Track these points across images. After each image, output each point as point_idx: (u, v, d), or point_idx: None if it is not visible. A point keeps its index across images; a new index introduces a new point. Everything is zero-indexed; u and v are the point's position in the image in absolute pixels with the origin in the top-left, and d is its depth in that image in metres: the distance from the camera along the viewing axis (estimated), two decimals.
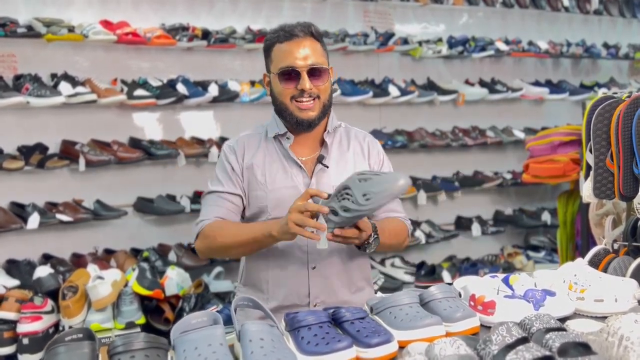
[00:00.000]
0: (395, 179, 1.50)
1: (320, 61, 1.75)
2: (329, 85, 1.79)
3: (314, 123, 1.78)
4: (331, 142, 1.85)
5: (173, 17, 3.29)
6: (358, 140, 1.91)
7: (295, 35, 1.74)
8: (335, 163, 1.84)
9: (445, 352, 1.13)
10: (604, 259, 1.82)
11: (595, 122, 1.81)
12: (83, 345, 1.19)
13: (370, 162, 1.91)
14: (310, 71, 1.73)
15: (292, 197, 1.72)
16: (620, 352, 1.14)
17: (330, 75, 1.80)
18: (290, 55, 1.73)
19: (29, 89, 2.80)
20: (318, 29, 1.79)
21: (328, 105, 1.81)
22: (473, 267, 3.77)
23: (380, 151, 1.96)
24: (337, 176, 1.78)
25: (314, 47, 1.75)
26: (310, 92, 1.74)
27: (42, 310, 2.46)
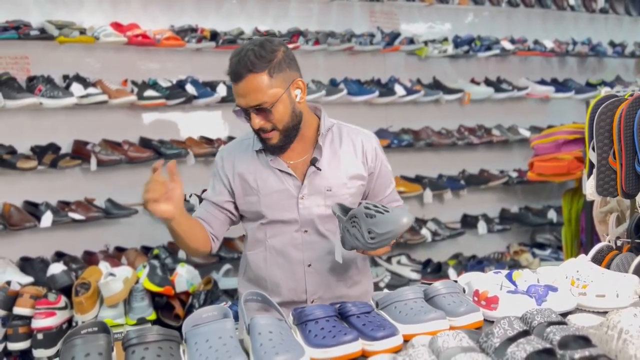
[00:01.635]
0: (398, 220, 1.49)
1: (262, 99, 1.66)
2: (284, 111, 1.70)
3: (283, 147, 1.77)
4: (323, 143, 1.83)
5: (182, 19, 3.33)
6: (351, 138, 1.88)
7: (238, 75, 1.67)
8: (327, 164, 1.82)
9: (448, 344, 1.16)
10: (607, 256, 1.84)
11: (597, 121, 1.84)
12: (99, 338, 1.23)
13: (366, 160, 1.87)
14: (255, 110, 1.69)
15: (284, 199, 1.79)
16: (619, 345, 1.17)
17: (285, 101, 1.70)
18: (238, 97, 1.71)
19: (41, 90, 2.85)
20: (261, 58, 1.65)
21: (292, 127, 1.74)
22: (479, 264, 3.79)
23: (377, 149, 1.91)
24: (330, 178, 1.81)
25: (256, 84, 1.65)
26: (262, 128, 1.71)
27: (56, 307, 2.50)
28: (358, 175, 1.85)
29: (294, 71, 1.73)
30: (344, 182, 1.82)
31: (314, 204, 1.80)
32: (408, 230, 3.81)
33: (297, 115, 1.75)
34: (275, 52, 1.68)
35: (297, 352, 1.18)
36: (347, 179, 1.83)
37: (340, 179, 1.82)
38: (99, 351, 1.20)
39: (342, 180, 1.82)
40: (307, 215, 1.81)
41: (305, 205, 1.80)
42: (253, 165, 1.83)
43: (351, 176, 1.84)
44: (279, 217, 1.81)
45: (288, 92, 1.71)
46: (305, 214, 1.80)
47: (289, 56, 1.72)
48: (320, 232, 1.83)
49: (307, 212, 1.80)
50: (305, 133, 1.81)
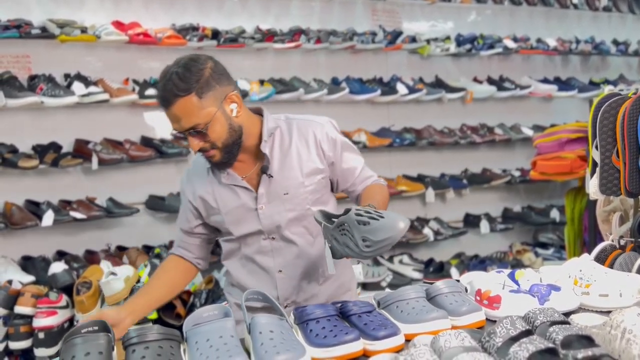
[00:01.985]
0: (394, 225, 1.39)
1: (195, 122, 1.59)
2: (221, 129, 1.63)
3: (228, 163, 1.71)
4: (271, 148, 1.74)
5: (183, 17, 3.33)
6: (301, 132, 1.78)
7: (166, 100, 1.60)
8: (279, 168, 1.75)
9: (450, 344, 1.15)
10: (610, 255, 1.83)
11: (601, 119, 1.83)
12: (99, 337, 1.23)
13: (322, 151, 1.77)
14: (190, 133, 1.62)
15: (245, 213, 1.75)
16: (622, 344, 1.16)
17: (223, 116, 1.63)
18: (171, 122, 1.64)
19: (43, 89, 2.85)
20: (187, 80, 1.57)
21: (232, 143, 1.67)
22: (481, 264, 3.78)
23: (329, 134, 1.79)
24: (285, 181, 1.74)
25: (186, 107, 1.58)
26: (202, 149, 1.65)
27: (57, 306, 2.50)
28: (315, 169, 1.76)
29: (225, 86, 1.64)
30: (300, 181, 1.75)
31: (274, 211, 1.75)
32: (410, 230, 3.80)
33: (236, 131, 1.67)
34: (201, 70, 1.60)
35: (298, 351, 1.18)
36: (304, 177, 1.75)
37: (296, 179, 1.75)
38: (99, 350, 1.20)
39: (297, 180, 1.75)
40: (270, 224, 1.76)
41: (266, 215, 1.75)
42: (210, 184, 1.78)
43: (308, 173, 1.76)
44: (244, 232, 1.77)
45: (222, 109, 1.63)
46: (267, 223, 1.75)
47: (217, 71, 1.63)
48: (287, 238, 1.78)
49: (270, 221, 1.75)
50: (251, 143, 1.73)
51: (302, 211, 1.76)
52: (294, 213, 1.76)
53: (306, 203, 1.76)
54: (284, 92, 3.39)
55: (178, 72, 1.58)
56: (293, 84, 3.48)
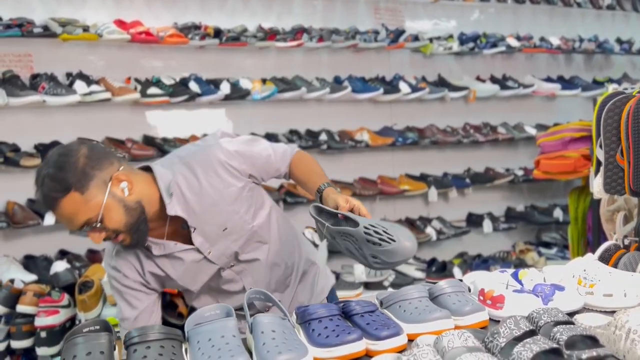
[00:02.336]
0: (405, 250, 1.42)
1: (85, 217, 1.48)
2: (117, 215, 1.50)
3: (142, 241, 1.58)
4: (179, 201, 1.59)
5: (185, 16, 3.32)
6: (205, 167, 1.62)
7: (48, 205, 1.49)
8: (200, 211, 1.61)
9: (453, 344, 1.14)
10: (614, 255, 1.81)
11: (605, 118, 1.81)
12: (100, 336, 1.22)
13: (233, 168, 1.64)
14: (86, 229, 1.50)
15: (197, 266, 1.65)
16: (627, 345, 1.15)
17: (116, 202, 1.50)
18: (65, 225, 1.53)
19: (45, 87, 2.85)
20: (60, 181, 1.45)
21: (136, 222, 1.53)
22: (484, 263, 3.77)
23: (235, 149, 1.65)
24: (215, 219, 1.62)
25: (70, 207, 1.46)
26: (106, 238, 1.52)
27: (59, 305, 2.50)
28: (237, 191, 1.65)
29: (107, 169, 1.51)
30: (230, 212, 1.64)
31: (222, 249, 1.66)
32: (412, 229, 3.80)
33: (135, 209, 1.53)
34: (74, 163, 1.46)
35: (300, 351, 1.17)
36: (232, 205, 1.64)
37: (225, 212, 1.63)
38: (101, 350, 1.19)
39: (227, 212, 1.63)
40: (224, 260, 1.69)
41: (217, 256, 1.66)
42: (148, 258, 1.65)
43: (233, 199, 1.64)
44: (204, 280, 1.69)
45: (111, 194, 1.49)
46: (221, 260, 1.68)
47: (94, 156, 1.50)
48: (245, 259, 1.72)
49: (223, 259, 1.68)
50: (156, 208, 1.58)
51: (248, 233, 1.68)
52: (241, 240, 1.68)
53: (247, 224, 1.68)
54: (286, 90, 3.38)
55: (50, 174, 1.46)
56: (295, 82, 3.47)
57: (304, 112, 3.61)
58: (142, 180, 1.59)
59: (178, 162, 1.65)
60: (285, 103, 3.46)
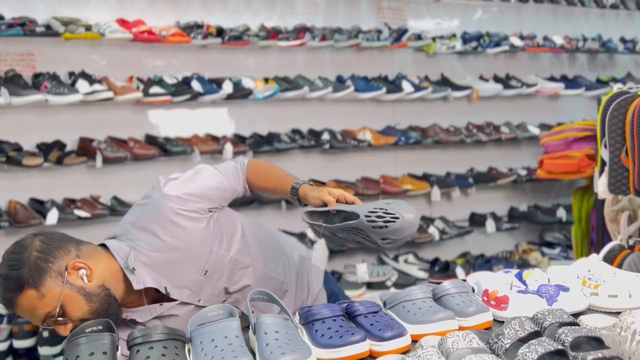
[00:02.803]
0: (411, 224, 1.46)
1: (45, 312, 1.42)
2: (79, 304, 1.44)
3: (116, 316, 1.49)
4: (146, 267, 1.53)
5: (188, 15, 3.32)
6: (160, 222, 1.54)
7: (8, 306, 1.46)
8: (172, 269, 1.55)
9: (458, 345, 1.14)
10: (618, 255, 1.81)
11: (610, 118, 1.81)
12: (103, 337, 1.22)
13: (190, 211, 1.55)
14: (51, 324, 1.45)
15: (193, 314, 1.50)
16: (633, 346, 1.14)
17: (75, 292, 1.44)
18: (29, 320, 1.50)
19: (47, 87, 2.85)
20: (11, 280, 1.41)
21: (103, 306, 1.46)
22: (487, 263, 3.76)
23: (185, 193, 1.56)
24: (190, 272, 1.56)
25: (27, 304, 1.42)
26: (74, 328, 1.40)
27: None
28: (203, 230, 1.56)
29: (61, 258, 1.45)
30: (204, 252, 1.56)
31: (210, 293, 1.60)
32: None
33: (98, 294, 1.46)
34: (25, 260, 1.42)
35: (303, 352, 1.17)
36: (204, 246, 1.57)
37: (199, 258, 1.56)
38: (104, 350, 1.19)
39: (201, 254, 1.56)
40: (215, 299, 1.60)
41: (207, 299, 1.60)
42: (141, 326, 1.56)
43: (202, 240, 1.56)
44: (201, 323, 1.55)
45: (68, 284, 1.43)
46: (213, 301, 1.59)
47: (47, 250, 1.45)
48: (237, 290, 1.65)
49: (214, 299, 1.60)
50: (123, 287, 1.52)
51: (229, 265, 1.62)
52: (225, 274, 1.61)
53: (226, 257, 1.61)
54: (288, 90, 3.37)
55: (2, 273, 1.42)
56: (298, 82, 3.46)
57: (306, 112, 3.61)
58: (102, 262, 1.51)
59: (132, 228, 1.57)
60: (288, 102, 3.46)
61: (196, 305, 1.59)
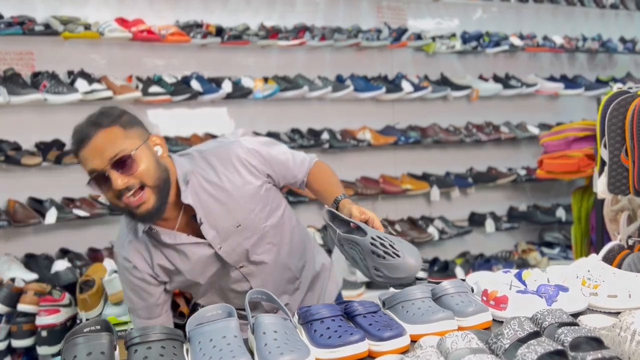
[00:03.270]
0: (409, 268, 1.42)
1: (120, 147, 1.49)
2: (148, 162, 1.53)
3: (156, 211, 1.55)
4: (194, 192, 1.61)
5: (187, 14, 3.31)
6: (224, 162, 1.65)
7: (86, 135, 1.51)
8: (216, 205, 1.63)
9: (457, 345, 1.13)
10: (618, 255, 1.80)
11: (609, 117, 1.80)
12: (101, 337, 1.21)
13: (254, 168, 1.67)
14: (115, 165, 1.49)
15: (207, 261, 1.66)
16: (632, 347, 1.14)
17: (150, 149, 1.55)
18: (90, 160, 1.51)
19: (46, 86, 2.84)
20: (112, 115, 1.53)
21: (163, 182, 1.55)
22: (487, 263, 3.76)
23: (255, 148, 1.69)
24: (230, 215, 1.64)
25: (109, 136, 1.50)
26: (128, 186, 1.49)
27: (60, 304, 2.50)
28: (255, 189, 1.67)
29: (145, 130, 1.59)
30: (246, 209, 1.66)
31: (234, 246, 1.67)
32: (414, 229, 3.78)
33: (165, 169, 1.56)
34: (121, 110, 1.57)
35: (302, 352, 1.16)
36: (248, 204, 1.66)
37: (241, 208, 1.65)
38: (101, 350, 1.18)
39: (243, 209, 1.65)
40: (234, 257, 1.69)
41: (227, 252, 1.67)
42: (158, 249, 1.65)
43: (249, 196, 1.66)
44: (212, 276, 1.71)
45: (146, 145, 1.54)
46: (231, 258, 1.69)
47: (135, 118, 1.59)
48: (255, 261, 1.73)
49: (233, 256, 1.69)
50: (173, 192, 1.60)
51: (260, 232, 1.70)
52: (253, 238, 1.69)
53: (261, 223, 1.69)
54: (288, 89, 3.37)
55: (96, 113, 1.54)
56: (297, 81, 3.46)
57: (306, 111, 3.60)
58: (171, 162, 1.64)
59: (197, 156, 1.68)
60: (287, 102, 3.45)
61: (215, 253, 1.65)
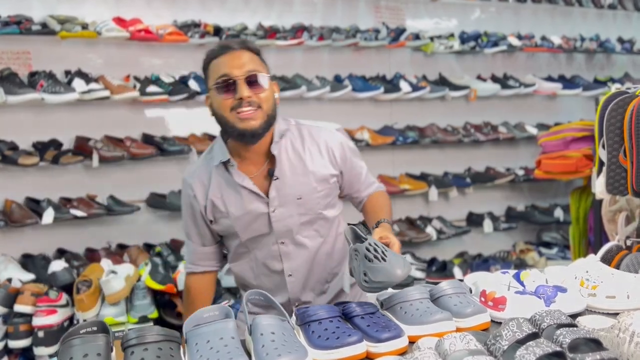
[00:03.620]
0: (391, 272, 1.39)
1: (257, 69, 1.68)
2: (270, 96, 1.71)
3: (257, 133, 1.69)
4: (280, 151, 1.76)
5: (185, 14, 3.31)
6: (313, 139, 1.80)
7: (230, 48, 1.70)
8: (291, 171, 1.75)
9: (455, 347, 1.13)
10: (616, 256, 1.80)
11: (608, 118, 1.80)
12: (97, 338, 1.20)
13: (335, 159, 1.80)
14: (247, 79, 1.66)
15: (256, 217, 1.75)
16: (631, 348, 1.13)
17: (273, 87, 1.74)
18: (225, 66, 1.67)
19: (43, 85, 2.83)
20: (255, 45, 1.75)
21: (272, 116, 1.72)
22: (484, 263, 3.76)
23: (343, 143, 1.83)
24: (297, 185, 1.75)
25: (251, 57, 1.70)
26: (250, 101, 1.65)
27: (57, 304, 2.49)
28: (327, 175, 1.79)
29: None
30: (313, 187, 1.76)
31: (286, 215, 1.75)
32: (413, 229, 3.78)
33: (275, 111, 1.74)
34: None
35: (299, 353, 1.16)
36: (317, 183, 1.77)
37: (309, 184, 1.76)
38: (98, 352, 1.17)
39: (310, 185, 1.76)
40: (281, 228, 1.76)
41: (278, 218, 1.75)
42: (218, 186, 1.77)
43: (320, 179, 1.77)
44: (254, 235, 1.78)
45: (271, 84, 1.73)
46: (279, 226, 1.76)
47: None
48: (298, 241, 1.79)
49: (282, 225, 1.76)
50: (265, 141, 1.74)
51: (314, 215, 1.78)
52: (306, 217, 1.77)
53: (318, 208, 1.78)
54: (286, 89, 3.36)
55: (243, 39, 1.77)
56: (295, 81, 3.45)
57: (304, 111, 3.59)
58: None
59: (294, 124, 1.83)
60: (286, 102, 3.43)
61: (267, 215, 1.73)
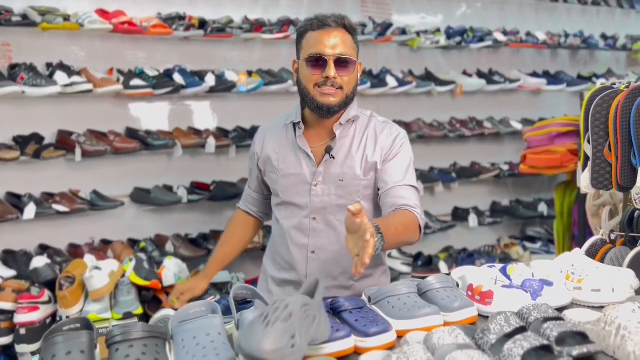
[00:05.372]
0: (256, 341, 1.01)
1: (348, 52, 1.78)
2: (354, 78, 1.83)
3: (333, 110, 1.80)
4: (343, 133, 1.86)
5: (170, 7, 3.26)
6: (375, 130, 1.90)
7: (328, 24, 1.78)
8: (344, 154, 1.85)
9: (444, 341, 1.13)
10: (600, 250, 1.82)
11: (593, 113, 1.81)
12: (81, 335, 1.18)
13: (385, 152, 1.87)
14: (337, 61, 1.76)
15: (299, 183, 1.86)
16: (617, 341, 1.14)
17: (357, 69, 1.84)
18: (320, 43, 1.77)
19: (24, 78, 2.77)
20: (352, 23, 1.83)
21: (351, 97, 1.84)
22: (470, 257, 3.78)
23: (397, 140, 1.89)
24: (344, 168, 1.84)
25: (345, 38, 1.79)
26: (334, 82, 1.77)
27: (39, 301, 2.45)
28: (373, 165, 1.86)
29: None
30: (357, 174, 1.84)
31: (326, 192, 1.84)
32: None
33: (355, 91, 1.85)
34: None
35: None
36: (362, 171, 1.84)
37: (354, 170, 1.84)
38: (81, 349, 1.15)
39: (355, 172, 1.84)
40: (318, 203, 1.85)
41: (318, 193, 1.84)
42: (279, 142, 1.92)
43: (367, 168, 1.85)
44: (291, 200, 1.88)
45: (357, 70, 1.84)
46: (316, 201, 1.84)
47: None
48: (329, 222, 1.85)
49: (319, 200, 1.84)
50: (336, 117, 1.86)
51: (351, 201, 1.81)
52: (343, 200, 1.83)
53: (357, 195, 1.84)
54: (272, 83, 3.34)
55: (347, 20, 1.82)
56: (282, 75, 3.43)
57: (290, 105, 3.52)
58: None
59: (368, 115, 1.94)
60: (272, 96, 3.42)
61: (309, 187, 1.85)
